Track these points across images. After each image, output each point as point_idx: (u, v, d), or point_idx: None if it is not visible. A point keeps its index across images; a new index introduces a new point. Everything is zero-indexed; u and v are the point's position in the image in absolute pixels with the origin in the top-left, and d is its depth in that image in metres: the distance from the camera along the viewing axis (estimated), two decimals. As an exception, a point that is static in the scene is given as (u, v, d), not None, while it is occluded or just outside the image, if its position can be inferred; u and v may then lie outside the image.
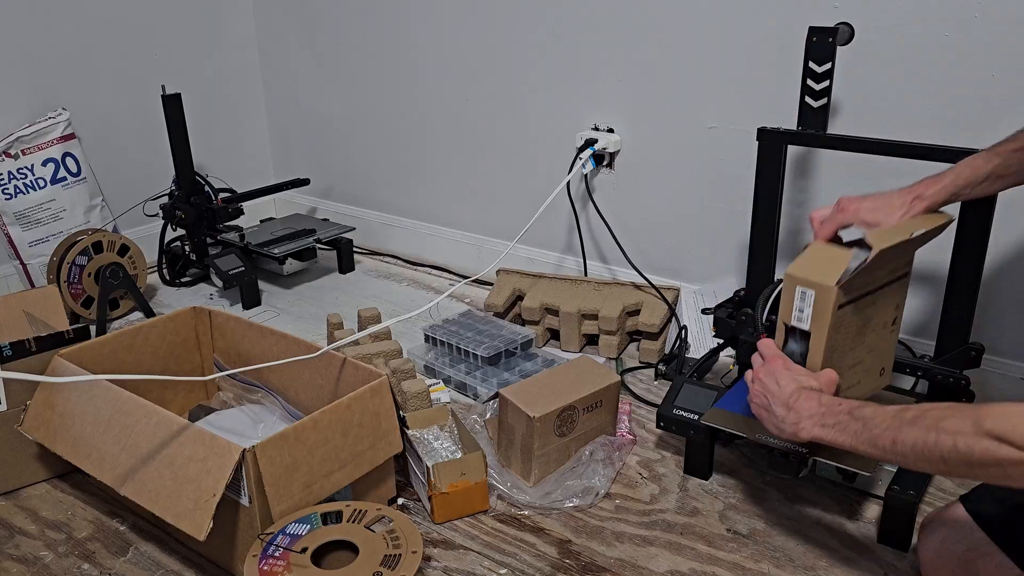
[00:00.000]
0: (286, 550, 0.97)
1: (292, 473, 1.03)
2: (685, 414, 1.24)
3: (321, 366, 1.24)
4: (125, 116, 2.11)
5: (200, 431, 1.04)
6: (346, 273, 2.14)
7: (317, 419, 1.07)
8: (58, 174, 1.91)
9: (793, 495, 1.22)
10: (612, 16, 1.67)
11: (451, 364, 1.55)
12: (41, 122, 1.89)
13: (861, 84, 1.39)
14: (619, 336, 1.64)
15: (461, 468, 1.17)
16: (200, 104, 2.19)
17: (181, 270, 2.08)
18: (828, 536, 1.14)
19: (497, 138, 1.94)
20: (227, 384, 1.43)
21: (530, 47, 1.82)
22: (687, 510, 1.20)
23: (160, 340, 1.38)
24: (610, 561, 1.11)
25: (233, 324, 1.40)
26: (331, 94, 2.26)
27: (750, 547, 1.13)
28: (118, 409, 1.12)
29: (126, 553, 1.14)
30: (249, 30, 2.34)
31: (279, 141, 2.46)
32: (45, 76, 1.95)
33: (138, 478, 1.06)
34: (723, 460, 1.30)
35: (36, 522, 1.21)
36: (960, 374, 1.16)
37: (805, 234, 1.52)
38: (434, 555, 1.12)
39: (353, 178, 2.31)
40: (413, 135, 2.12)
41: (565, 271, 1.89)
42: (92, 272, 1.81)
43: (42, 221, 1.91)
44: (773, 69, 1.49)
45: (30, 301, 1.42)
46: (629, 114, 1.72)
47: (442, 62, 1.98)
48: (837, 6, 1.39)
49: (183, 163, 1.96)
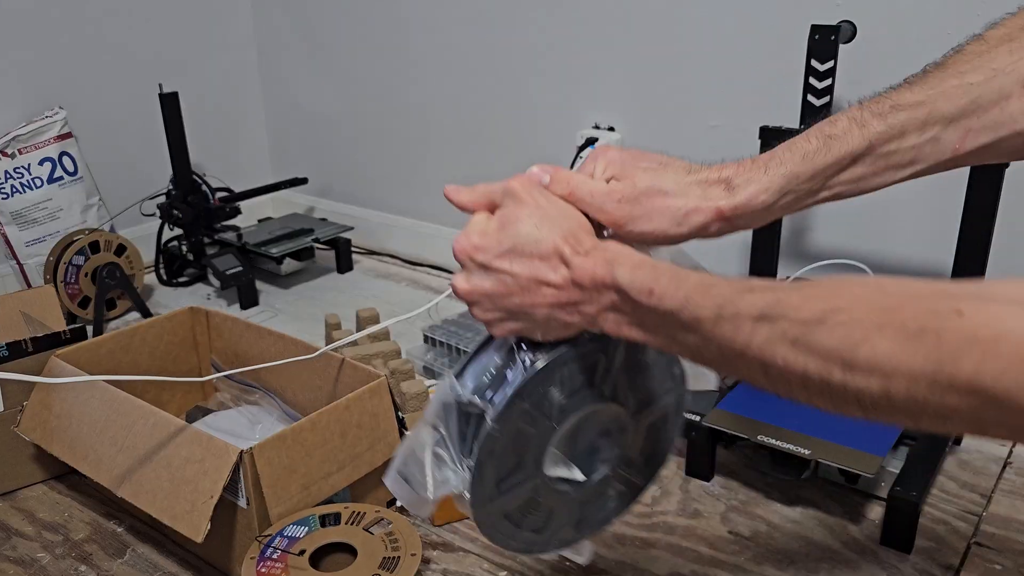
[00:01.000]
0: (284, 552, 0.96)
1: (290, 475, 1.02)
2: (686, 415, 1.23)
3: (319, 367, 1.24)
4: (122, 115, 2.10)
5: (197, 432, 1.03)
6: (344, 273, 2.13)
7: (315, 420, 1.06)
8: (55, 173, 1.90)
9: (795, 497, 1.21)
10: (613, 14, 1.67)
11: (451, 365, 1.54)
12: (37, 121, 1.88)
13: (863, 82, 1.39)
14: (619, 336, 1.63)
15: (461, 469, 1.16)
16: (197, 103, 2.18)
17: (178, 270, 2.08)
18: (830, 538, 1.13)
19: (497, 136, 1.93)
20: (225, 385, 1.43)
21: (530, 45, 1.81)
22: (688, 512, 1.20)
23: (157, 340, 1.37)
24: (611, 563, 1.10)
25: (231, 324, 1.39)
26: (329, 93, 2.25)
27: (752, 549, 1.12)
28: (115, 410, 1.11)
29: (123, 555, 1.13)
30: (247, 28, 2.33)
31: (277, 140, 2.45)
32: (41, 75, 1.94)
33: (135, 479, 1.05)
34: (725, 462, 1.29)
35: (33, 523, 1.20)
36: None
37: (807, 233, 1.52)
38: (433, 557, 1.12)
39: (351, 177, 2.30)
40: (412, 133, 2.11)
41: (565, 271, 1.88)
42: (89, 272, 1.81)
43: (38, 220, 1.90)
44: (775, 67, 1.48)
45: (26, 301, 1.41)
46: (630, 112, 1.71)
47: (441, 60, 1.98)
48: (839, 4, 1.38)
49: (180, 162, 1.95)
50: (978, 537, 1.13)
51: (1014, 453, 1.31)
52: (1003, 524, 1.15)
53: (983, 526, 1.15)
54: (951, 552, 1.10)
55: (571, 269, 0.63)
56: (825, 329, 0.49)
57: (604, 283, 0.61)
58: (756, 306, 0.53)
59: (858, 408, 0.50)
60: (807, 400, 0.53)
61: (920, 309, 0.47)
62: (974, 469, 1.27)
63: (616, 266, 0.61)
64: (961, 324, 0.45)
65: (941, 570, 1.07)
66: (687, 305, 0.56)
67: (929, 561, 1.09)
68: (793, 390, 0.53)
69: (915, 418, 0.48)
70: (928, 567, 1.08)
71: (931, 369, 0.45)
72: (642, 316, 0.60)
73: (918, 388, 0.46)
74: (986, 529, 1.14)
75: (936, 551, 1.10)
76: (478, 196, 0.73)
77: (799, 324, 0.51)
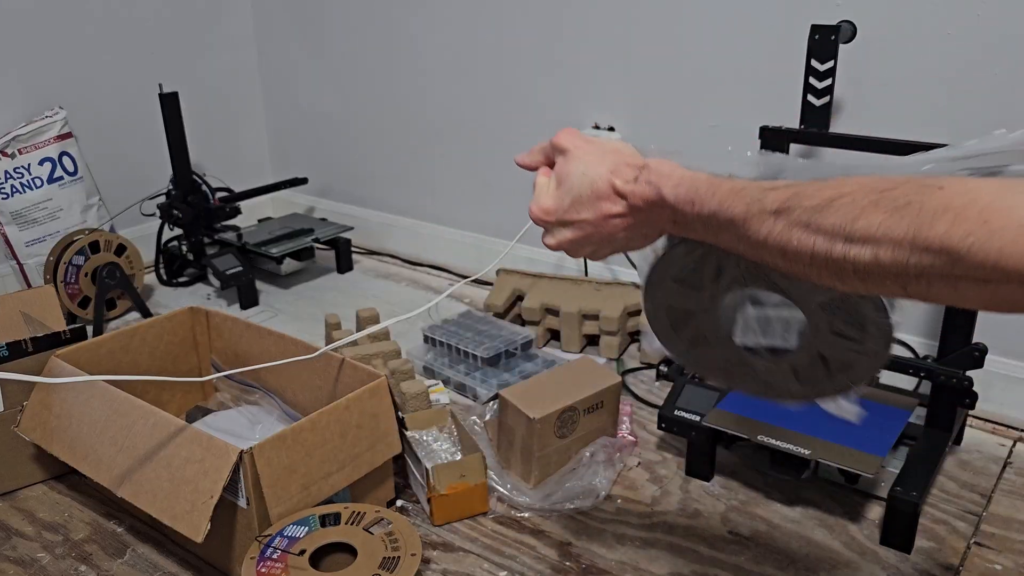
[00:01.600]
0: (284, 552, 0.96)
1: (290, 475, 1.02)
2: (686, 415, 1.23)
3: (319, 367, 1.23)
4: (122, 115, 2.10)
5: (197, 432, 1.03)
6: (344, 273, 2.13)
7: (315, 420, 1.06)
8: (55, 173, 1.90)
9: (795, 497, 1.21)
10: (613, 15, 1.67)
11: (450, 365, 1.54)
12: (37, 121, 1.88)
13: (864, 82, 1.39)
14: (620, 336, 1.63)
15: (460, 470, 1.16)
16: (197, 103, 2.18)
17: (178, 270, 2.07)
18: (830, 538, 1.13)
19: (497, 136, 1.93)
20: (224, 385, 1.43)
21: (530, 46, 1.81)
22: (688, 512, 1.20)
23: (157, 340, 1.37)
24: (611, 563, 1.10)
25: (231, 324, 1.39)
26: (329, 92, 2.25)
27: (752, 549, 1.12)
28: (115, 410, 1.11)
29: (123, 555, 1.13)
30: (247, 28, 2.33)
31: (277, 140, 2.45)
32: (41, 74, 1.94)
33: (135, 479, 1.05)
34: (725, 462, 1.29)
35: (33, 524, 1.20)
36: (963, 375, 1.15)
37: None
38: (433, 557, 1.12)
39: (351, 177, 2.30)
40: (412, 133, 2.11)
41: (565, 271, 1.88)
42: (89, 272, 1.81)
43: (39, 220, 1.90)
44: (775, 67, 1.48)
45: (26, 301, 1.41)
46: (630, 112, 1.71)
47: (441, 60, 1.98)
48: (839, 4, 1.38)
49: (180, 162, 1.95)
50: (978, 537, 1.13)
51: (1014, 453, 1.31)
52: (1003, 524, 1.15)
53: (983, 526, 1.15)
54: (951, 552, 1.10)
55: (627, 198, 0.72)
56: (831, 211, 0.57)
57: (655, 203, 0.70)
58: (777, 200, 0.61)
59: (855, 277, 0.57)
60: (816, 276, 0.60)
61: (910, 188, 0.54)
62: (974, 469, 1.27)
63: (661, 186, 0.69)
64: (940, 195, 0.52)
65: (941, 570, 1.08)
66: (721, 208, 0.65)
67: (929, 561, 1.09)
68: (805, 268, 0.60)
69: (902, 283, 0.55)
70: (928, 567, 1.08)
71: (912, 234, 0.52)
72: (690, 222, 0.69)
73: (901, 252, 0.53)
74: (986, 529, 1.14)
75: (936, 551, 1.11)
76: (535, 155, 0.81)
77: (810, 210, 0.58)
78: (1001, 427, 1.37)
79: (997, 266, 0.49)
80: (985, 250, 0.49)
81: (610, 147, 0.76)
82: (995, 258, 0.49)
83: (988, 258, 0.49)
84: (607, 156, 0.74)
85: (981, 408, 1.26)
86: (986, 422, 1.38)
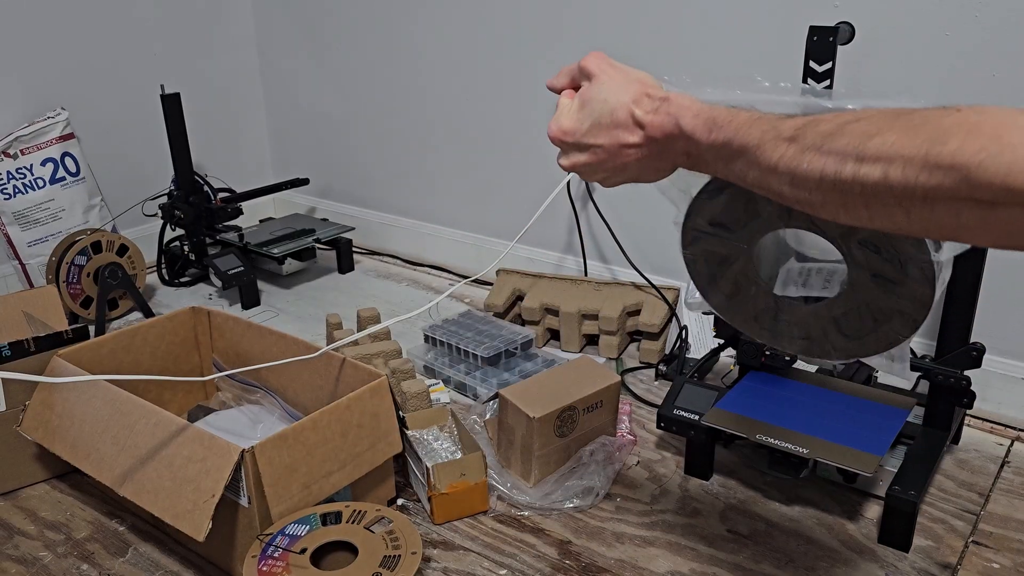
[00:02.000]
0: (285, 551, 0.96)
1: (291, 474, 1.03)
2: (686, 414, 1.24)
3: (320, 366, 1.24)
4: (124, 116, 2.10)
5: (199, 431, 1.04)
6: (345, 273, 2.13)
7: (316, 419, 1.06)
8: (57, 174, 1.91)
9: (794, 496, 1.22)
10: (613, 16, 1.67)
11: (451, 364, 1.55)
12: (40, 122, 1.89)
13: (862, 83, 1.39)
14: (619, 336, 1.63)
15: (461, 469, 1.16)
16: (199, 103, 2.18)
17: (180, 270, 2.08)
18: (829, 536, 1.14)
19: (497, 137, 1.94)
20: (226, 384, 1.43)
21: (530, 46, 1.81)
22: (687, 511, 1.20)
23: (159, 340, 1.37)
24: (610, 562, 1.10)
25: (232, 324, 1.39)
26: (330, 93, 2.25)
27: (751, 548, 1.13)
28: (117, 409, 1.12)
29: (125, 554, 1.14)
30: (248, 30, 2.34)
31: (278, 140, 2.46)
32: (44, 75, 1.95)
33: (137, 478, 1.05)
34: (724, 461, 1.29)
35: (35, 523, 1.20)
36: (961, 374, 1.16)
37: (805, 234, 1.52)
38: (434, 556, 1.12)
39: (352, 178, 2.31)
40: (412, 134, 2.11)
41: (565, 271, 1.88)
42: (91, 272, 1.81)
43: (41, 221, 1.90)
44: (774, 68, 1.48)
45: (29, 301, 1.42)
46: (629, 114, 1.71)
47: (441, 61, 1.98)
48: (838, 5, 1.39)
49: (182, 163, 1.96)
50: (976, 536, 1.13)
51: (1011, 452, 1.31)
52: (1001, 523, 1.16)
53: (981, 525, 1.15)
54: (949, 551, 1.11)
55: (645, 128, 0.73)
56: (844, 133, 0.58)
57: (673, 134, 0.71)
58: (793, 127, 0.62)
59: (860, 199, 0.57)
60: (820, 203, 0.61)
61: (928, 112, 0.55)
62: (972, 468, 1.27)
63: (679, 117, 0.71)
64: (956, 115, 0.53)
65: (939, 568, 1.08)
66: (736, 136, 0.66)
67: (927, 560, 1.09)
68: (810, 193, 0.61)
69: (906, 207, 0.55)
70: (926, 566, 1.08)
71: (924, 150, 0.53)
72: (704, 152, 0.70)
73: (911, 170, 0.54)
74: (984, 528, 1.15)
75: (934, 550, 1.11)
76: (563, 78, 0.82)
77: (823, 135, 0.59)
78: (999, 426, 1.38)
79: (1005, 184, 0.50)
80: (996, 165, 0.50)
81: (635, 76, 0.78)
82: (1004, 174, 0.49)
83: (998, 174, 0.50)
84: (631, 85, 0.76)
85: (979, 407, 1.27)
86: (984, 421, 1.39)
